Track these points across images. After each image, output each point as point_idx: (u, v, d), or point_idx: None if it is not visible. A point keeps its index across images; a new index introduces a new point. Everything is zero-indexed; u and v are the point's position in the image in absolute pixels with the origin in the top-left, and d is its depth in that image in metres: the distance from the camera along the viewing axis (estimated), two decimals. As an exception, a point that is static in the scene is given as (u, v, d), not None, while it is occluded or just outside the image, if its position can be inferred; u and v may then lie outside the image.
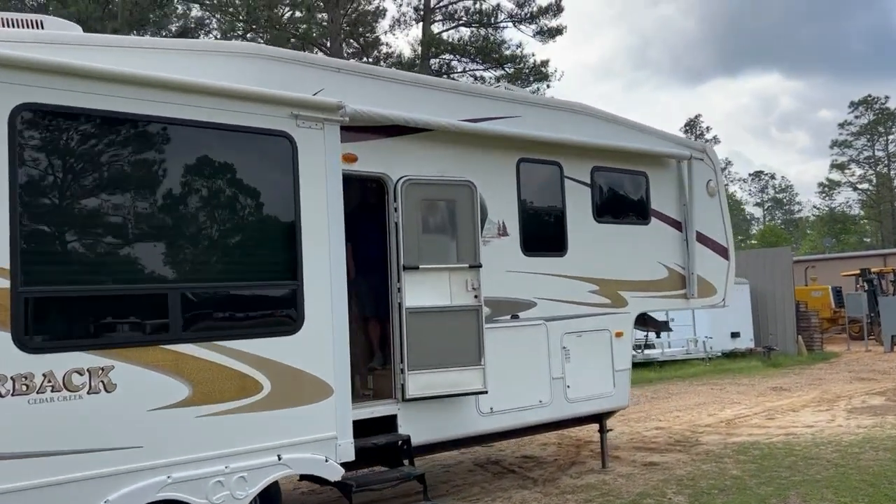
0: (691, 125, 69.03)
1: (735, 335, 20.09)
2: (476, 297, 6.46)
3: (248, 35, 27.52)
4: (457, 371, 6.37)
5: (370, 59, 29.40)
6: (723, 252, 9.08)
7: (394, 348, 6.23)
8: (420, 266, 6.22)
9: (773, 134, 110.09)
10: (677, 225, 8.61)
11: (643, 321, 9.49)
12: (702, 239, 8.77)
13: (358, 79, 6.13)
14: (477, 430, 6.69)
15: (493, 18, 30.70)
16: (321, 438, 4.80)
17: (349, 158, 6.06)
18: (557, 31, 31.39)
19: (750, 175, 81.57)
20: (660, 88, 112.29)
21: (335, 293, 4.92)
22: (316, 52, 27.04)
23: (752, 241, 68.25)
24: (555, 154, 7.48)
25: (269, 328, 4.66)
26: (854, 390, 13.51)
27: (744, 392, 13.70)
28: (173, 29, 29.82)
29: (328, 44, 27.95)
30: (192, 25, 30.37)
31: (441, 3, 31.03)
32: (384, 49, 30.95)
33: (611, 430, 8.13)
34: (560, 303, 7.39)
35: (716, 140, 69.85)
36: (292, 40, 27.79)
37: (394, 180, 6.20)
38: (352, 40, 30.26)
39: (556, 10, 31.13)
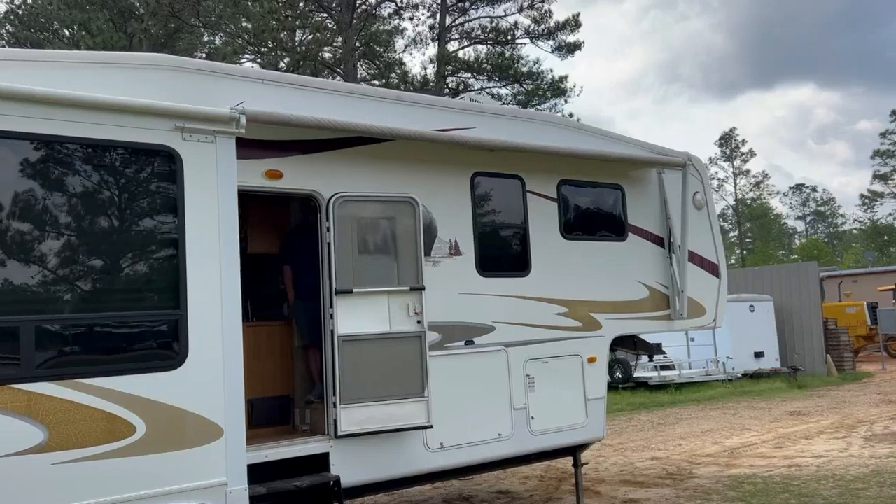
0: (726, 139, 67.81)
1: (759, 355, 19.15)
2: (419, 322, 5.95)
3: (276, 60, 27.47)
4: (397, 404, 5.85)
5: (386, 81, 29.21)
6: (713, 269, 8.42)
7: (326, 380, 5.76)
8: (354, 290, 5.75)
9: (811, 146, 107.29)
10: (659, 241, 7.99)
11: (632, 344, 8.91)
12: (689, 255, 8.13)
13: (286, 90, 5.72)
14: (425, 467, 6.14)
15: (509, 36, 30.31)
16: (207, 485, 4.31)
17: (273, 175, 5.64)
18: (576, 47, 30.89)
19: (791, 188, 79.60)
20: (692, 103, 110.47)
21: (228, 323, 4.45)
22: (336, 79, 26.91)
23: (794, 256, 66.39)
24: (515, 167, 6.96)
25: (144, 363, 4.19)
26: (879, 414, 12.60)
27: (758, 417, 12.86)
28: (203, 56, 29.96)
29: (342, 66, 27.78)
30: (221, 54, 30.39)
31: (457, 22, 30.76)
32: (403, 69, 30.77)
33: (585, 463, 7.51)
34: (523, 327, 6.82)
35: (752, 153, 68.63)
36: (314, 63, 27.77)
37: (326, 198, 5.75)
38: (367, 61, 30.10)
39: (574, 25, 30.63)
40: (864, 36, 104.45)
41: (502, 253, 6.96)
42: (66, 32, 33.96)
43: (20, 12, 35.81)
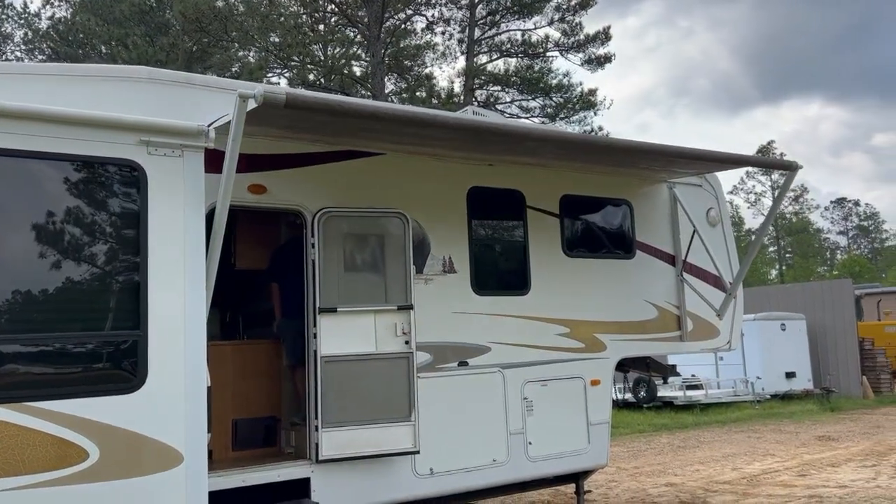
0: (763, 152, 66.47)
1: (790, 375, 18.51)
2: (407, 342, 5.73)
3: (304, 75, 27.50)
4: (382, 427, 5.62)
5: (412, 95, 29.15)
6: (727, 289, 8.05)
7: (308, 402, 5.55)
8: (339, 308, 5.55)
9: (828, 160, 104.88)
10: (669, 259, 7.68)
11: (644, 366, 8.57)
12: (702, 274, 7.80)
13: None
14: (413, 494, 5.88)
15: (539, 48, 30.07)
16: (165, 514, 4.13)
17: (257, 189, 5.50)
18: (606, 60, 30.54)
19: (832, 202, 77.77)
20: (701, 118, 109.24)
21: (191, 344, 4.27)
22: (364, 94, 26.93)
23: (835, 272, 64.75)
24: (514, 182, 6.73)
25: (99, 386, 4.02)
26: (914, 441, 12.01)
27: (784, 442, 12.34)
28: (235, 70, 30.15)
29: (370, 80, 27.79)
30: (248, 69, 30.57)
31: (486, 35, 30.61)
32: (431, 83, 30.66)
33: (588, 491, 7.19)
34: (521, 347, 6.56)
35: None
36: (342, 77, 27.84)
37: (311, 213, 5.58)
38: (396, 75, 30.08)
39: (605, 38, 30.31)
40: (871, 49, 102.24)
41: (500, 271, 6.73)
42: (103, 48, 34.44)
43: (60, 28, 36.61)
